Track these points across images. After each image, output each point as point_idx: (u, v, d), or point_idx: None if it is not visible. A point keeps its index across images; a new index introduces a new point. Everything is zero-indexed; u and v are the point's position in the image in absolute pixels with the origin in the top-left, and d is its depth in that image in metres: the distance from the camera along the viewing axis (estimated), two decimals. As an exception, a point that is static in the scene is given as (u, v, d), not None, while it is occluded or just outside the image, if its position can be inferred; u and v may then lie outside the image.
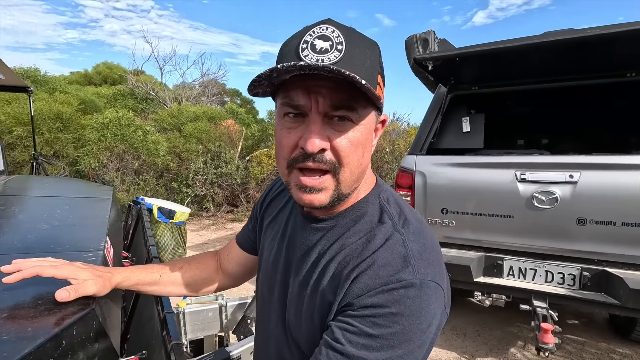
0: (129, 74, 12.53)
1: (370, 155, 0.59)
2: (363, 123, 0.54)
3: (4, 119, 5.67)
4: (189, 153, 7.21)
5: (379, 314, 0.50)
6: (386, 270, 0.53)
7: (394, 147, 8.18)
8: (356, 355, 0.50)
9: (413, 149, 2.73)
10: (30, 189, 1.66)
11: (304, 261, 0.63)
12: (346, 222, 0.61)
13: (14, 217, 1.18)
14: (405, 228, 0.57)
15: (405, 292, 0.51)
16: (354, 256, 0.57)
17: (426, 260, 0.54)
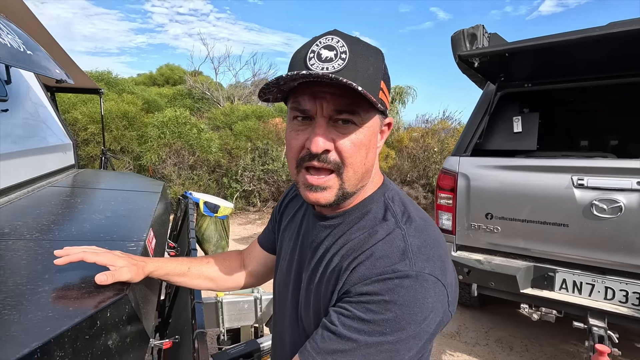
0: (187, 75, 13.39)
1: (375, 156, 0.63)
2: (366, 126, 0.58)
3: (81, 117, 6.38)
4: (238, 150, 7.54)
5: (373, 300, 0.53)
6: (383, 261, 0.56)
7: (443, 147, 7.86)
8: (347, 336, 0.53)
9: (457, 150, 2.62)
10: (93, 182, 1.87)
11: (313, 257, 0.68)
12: (352, 219, 0.65)
13: (76, 207, 1.34)
14: (407, 225, 0.60)
15: (399, 282, 0.53)
16: (355, 249, 0.60)
17: (425, 255, 0.56)
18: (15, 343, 0.50)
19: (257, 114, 9.21)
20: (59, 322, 0.58)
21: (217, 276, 0.88)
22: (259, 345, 1.43)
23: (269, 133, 8.26)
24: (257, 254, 0.91)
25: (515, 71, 2.50)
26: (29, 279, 0.70)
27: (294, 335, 0.71)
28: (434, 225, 0.64)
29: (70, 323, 0.58)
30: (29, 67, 1.45)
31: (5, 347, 0.49)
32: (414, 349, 0.54)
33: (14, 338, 0.52)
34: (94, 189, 1.69)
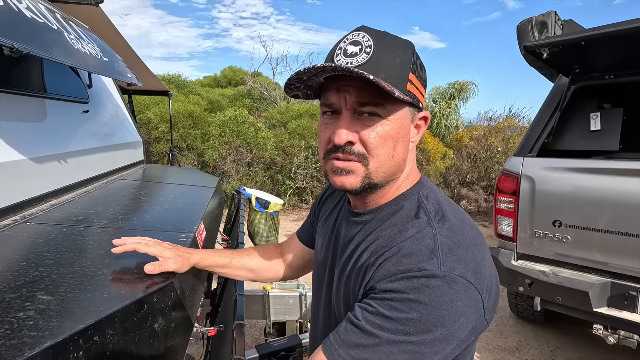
0: (247, 76, 14.02)
1: (406, 150, 0.62)
2: (392, 118, 0.58)
3: (153, 117, 7.01)
4: (292, 148, 7.72)
5: (397, 298, 0.52)
6: (410, 258, 0.54)
7: (508, 146, 7.29)
8: (370, 331, 0.52)
9: (521, 150, 2.40)
10: (157, 176, 2.04)
11: (344, 253, 0.68)
12: (383, 215, 0.64)
13: (140, 199, 1.47)
14: (440, 224, 0.58)
15: (426, 281, 0.51)
16: (384, 246, 0.59)
17: (457, 256, 0.54)
18: (73, 320, 0.56)
19: (311, 112, 9.34)
20: (111, 303, 0.63)
21: (257, 267, 0.92)
22: (301, 341, 1.45)
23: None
24: (295, 247, 0.94)
25: (594, 62, 2.21)
26: (92, 262, 0.79)
27: (327, 330, 0.71)
28: (473, 226, 0.61)
29: (121, 305, 0.63)
30: (106, 72, 1.62)
31: (65, 323, 0.55)
32: (441, 353, 0.52)
33: (73, 314, 0.58)
34: (157, 182, 1.85)
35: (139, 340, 0.65)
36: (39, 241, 0.90)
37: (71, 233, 0.96)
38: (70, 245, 0.88)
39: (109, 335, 0.59)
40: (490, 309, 0.56)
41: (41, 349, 0.48)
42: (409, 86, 0.57)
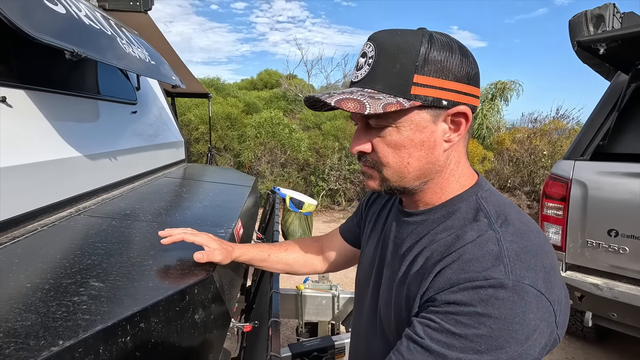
0: (282, 78, 14.27)
1: (434, 152, 0.58)
2: (403, 125, 0.56)
3: (193, 119, 7.33)
4: (326, 149, 7.74)
5: (463, 312, 0.47)
6: (473, 265, 0.50)
7: (555, 150, 6.85)
8: (436, 350, 0.48)
9: (571, 153, 2.24)
10: (197, 175, 2.11)
11: (395, 254, 0.66)
12: (437, 217, 0.61)
13: (181, 196, 1.53)
14: (504, 227, 0.53)
15: (494, 292, 0.47)
16: (441, 251, 0.55)
17: (525, 263, 0.49)
18: (122, 306, 0.59)
19: (345, 114, 9.33)
20: (156, 292, 0.66)
21: (295, 262, 0.94)
22: (334, 343, 1.44)
23: (356, 133, 8.29)
24: (336, 243, 0.93)
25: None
26: (138, 253, 0.83)
27: (370, 332, 0.70)
28: (540, 232, 0.56)
29: (165, 294, 0.66)
30: (153, 75, 1.71)
31: (114, 308, 0.58)
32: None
33: (121, 301, 0.61)
34: (197, 181, 1.92)
35: (181, 330, 0.67)
36: (91, 232, 0.96)
37: (120, 226, 1.02)
38: (119, 237, 0.93)
39: (154, 322, 0.61)
40: (562, 324, 0.51)
41: (93, 332, 0.51)
42: (414, 90, 0.54)
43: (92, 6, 1.71)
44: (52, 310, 0.56)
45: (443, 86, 0.55)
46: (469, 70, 0.56)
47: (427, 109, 0.56)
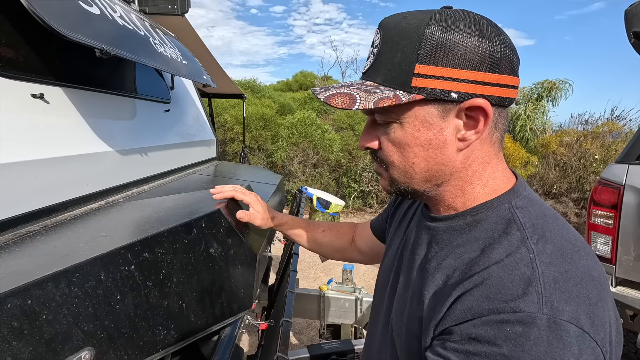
0: (317, 79, 14.35)
1: (444, 152, 0.51)
2: (406, 120, 0.50)
3: (229, 119, 7.55)
4: (358, 151, 7.67)
5: (486, 353, 0.40)
6: (500, 293, 0.42)
7: (608, 154, 6.32)
8: None
9: (625, 157, 2.04)
10: (226, 172, 2.16)
11: (412, 261, 0.59)
12: (460, 225, 0.53)
13: (203, 188, 1.56)
14: (540, 245, 0.45)
15: (523, 329, 0.38)
16: (463, 270, 0.48)
17: (565, 292, 0.40)
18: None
19: (380, 115, 9.20)
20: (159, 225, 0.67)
21: (328, 245, 0.96)
22: (353, 347, 1.40)
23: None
24: (366, 234, 0.93)
25: None
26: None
27: (381, 340, 0.65)
28: (589, 252, 0.47)
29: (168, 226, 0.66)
30: (183, 74, 1.76)
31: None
32: None
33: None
34: (224, 178, 1.95)
35: (196, 262, 0.67)
36: (117, 219, 1.00)
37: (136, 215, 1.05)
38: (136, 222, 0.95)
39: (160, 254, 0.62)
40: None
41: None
42: (416, 81, 0.48)
43: (131, 9, 1.80)
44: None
45: (452, 76, 0.47)
46: (493, 54, 0.47)
47: (434, 103, 0.49)
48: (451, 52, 0.47)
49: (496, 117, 0.51)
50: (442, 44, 0.47)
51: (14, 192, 0.77)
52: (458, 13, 0.49)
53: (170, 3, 2.62)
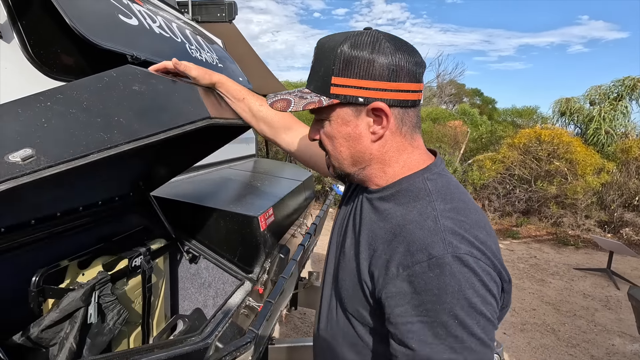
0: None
1: (362, 143, 0.64)
2: (333, 119, 0.65)
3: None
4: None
5: (422, 299, 0.53)
6: (416, 245, 0.56)
7: None
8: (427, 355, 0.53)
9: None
10: (259, 168, 2.29)
11: (355, 225, 0.71)
12: (387, 195, 0.66)
13: (231, 182, 1.69)
14: (441, 205, 0.60)
15: (440, 270, 0.53)
16: (390, 230, 0.61)
17: (460, 236, 0.56)
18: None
19: (433, 116, 8.87)
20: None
21: (263, 119, 0.95)
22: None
23: (443, 136, 7.83)
24: (303, 142, 0.93)
25: None
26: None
27: (332, 286, 0.75)
28: (479, 211, 0.63)
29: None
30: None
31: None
32: (490, 335, 0.53)
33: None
34: (255, 173, 2.09)
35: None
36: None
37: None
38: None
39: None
40: (508, 281, 0.58)
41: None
42: (333, 89, 0.61)
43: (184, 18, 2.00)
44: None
45: (358, 85, 0.60)
46: (390, 66, 0.59)
47: (348, 106, 0.62)
48: (356, 66, 0.60)
49: (401, 115, 0.63)
50: (349, 60, 0.60)
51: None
52: (366, 35, 0.60)
53: (219, 12, 2.85)
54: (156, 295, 1.10)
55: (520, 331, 3.12)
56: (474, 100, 19.62)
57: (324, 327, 0.76)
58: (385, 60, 0.59)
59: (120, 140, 0.62)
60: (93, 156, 0.57)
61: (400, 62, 0.59)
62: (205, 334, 0.86)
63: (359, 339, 0.67)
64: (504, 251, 5.08)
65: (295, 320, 2.96)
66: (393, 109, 0.61)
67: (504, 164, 6.52)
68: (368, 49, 0.59)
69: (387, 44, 0.59)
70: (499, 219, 6.52)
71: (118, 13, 1.20)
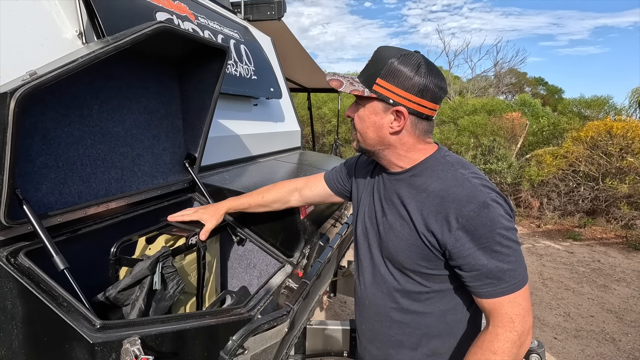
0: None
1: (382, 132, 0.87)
2: (367, 106, 0.88)
3: (327, 112, 7.92)
4: (459, 146, 7.19)
5: (483, 234, 0.79)
6: (465, 198, 0.80)
7: None
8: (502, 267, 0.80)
9: None
10: (302, 160, 2.39)
11: (392, 204, 0.92)
12: (417, 172, 0.90)
13: (276, 173, 1.81)
14: (464, 170, 0.86)
15: (488, 208, 0.79)
16: (437, 195, 0.84)
17: (488, 188, 0.83)
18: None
19: (488, 107, 8.37)
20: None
21: (272, 203, 1.22)
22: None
23: (499, 129, 7.38)
24: (319, 188, 1.20)
25: None
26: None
27: (376, 263, 0.96)
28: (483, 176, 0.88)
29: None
30: (242, 92, 2.03)
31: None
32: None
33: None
34: (299, 164, 2.19)
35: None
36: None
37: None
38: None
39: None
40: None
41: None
42: (375, 87, 0.84)
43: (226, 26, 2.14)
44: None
45: (393, 90, 0.83)
46: (423, 86, 0.82)
47: (381, 102, 0.85)
48: (397, 77, 0.83)
49: (415, 122, 0.87)
50: (394, 71, 0.83)
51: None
52: (413, 56, 0.83)
53: (269, 10, 2.98)
54: (209, 271, 1.24)
55: (574, 337, 2.93)
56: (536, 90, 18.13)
57: (370, 284, 0.98)
58: (419, 81, 0.82)
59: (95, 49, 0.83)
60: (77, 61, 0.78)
61: (429, 85, 0.82)
62: (249, 307, 0.98)
63: (416, 285, 0.89)
64: (562, 253, 4.73)
65: (335, 307, 3.06)
66: (411, 116, 0.85)
67: (566, 160, 6.02)
68: (410, 68, 0.82)
69: (424, 69, 0.82)
70: (559, 218, 6.05)
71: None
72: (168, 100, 1.35)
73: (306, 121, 6.23)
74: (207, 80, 1.31)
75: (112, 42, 0.87)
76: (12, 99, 0.69)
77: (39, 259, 0.82)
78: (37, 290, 0.76)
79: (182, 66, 1.36)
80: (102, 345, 0.72)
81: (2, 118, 0.71)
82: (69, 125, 1.01)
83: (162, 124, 1.33)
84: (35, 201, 0.91)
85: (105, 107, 1.12)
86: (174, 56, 1.31)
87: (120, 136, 1.18)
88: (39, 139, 0.94)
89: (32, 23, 0.99)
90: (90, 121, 1.08)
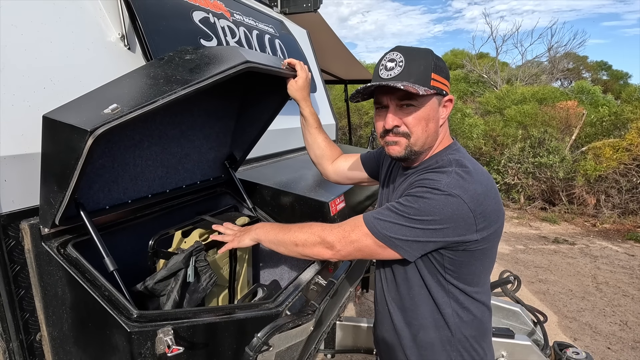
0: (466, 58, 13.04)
1: (437, 125, 0.92)
2: (424, 105, 0.88)
3: (365, 104, 7.78)
4: (505, 138, 6.78)
5: (411, 193, 0.85)
6: (428, 181, 0.85)
7: None
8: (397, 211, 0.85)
9: None
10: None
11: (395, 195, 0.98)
12: (422, 167, 0.94)
13: (306, 169, 1.81)
14: (457, 169, 0.86)
15: (431, 190, 0.82)
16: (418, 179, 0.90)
17: (461, 184, 0.82)
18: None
19: (539, 96, 7.76)
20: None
21: (318, 147, 1.30)
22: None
23: (551, 119, 6.85)
24: (354, 163, 1.24)
25: None
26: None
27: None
28: (488, 177, 0.89)
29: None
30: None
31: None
32: (431, 238, 0.82)
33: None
34: (332, 159, 2.17)
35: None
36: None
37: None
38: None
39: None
40: (482, 229, 0.83)
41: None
42: (432, 82, 0.86)
43: (261, 21, 2.16)
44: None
45: (442, 81, 0.89)
46: (447, 71, 0.91)
47: (437, 96, 0.89)
48: (442, 70, 0.89)
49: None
50: (437, 64, 0.88)
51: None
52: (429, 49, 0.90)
53: (305, 2, 2.97)
54: (241, 264, 1.28)
55: (631, 349, 2.69)
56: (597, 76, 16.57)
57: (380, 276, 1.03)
58: (446, 69, 0.91)
59: (176, 88, 0.79)
60: (159, 102, 0.76)
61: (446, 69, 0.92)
62: (277, 302, 0.99)
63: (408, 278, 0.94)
64: (621, 255, 4.32)
65: (369, 302, 3.04)
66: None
67: (630, 153, 5.47)
68: (440, 59, 0.90)
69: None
70: (618, 217, 5.53)
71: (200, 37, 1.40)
72: (230, 101, 1.33)
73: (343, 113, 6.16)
74: (272, 97, 1.31)
75: (194, 83, 0.82)
76: (90, 136, 0.69)
77: (84, 250, 0.89)
78: (82, 280, 0.82)
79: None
80: (138, 334, 0.77)
81: (78, 150, 0.72)
82: (132, 130, 1.05)
83: (216, 125, 1.33)
84: (87, 198, 0.98)
85: (169, 112, 1.14)
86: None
87: (175, 137, 1.19)
88: (103, 144, 0.97)
89: (79, 29, 1.06)
90: (152, 125, 1.10)
